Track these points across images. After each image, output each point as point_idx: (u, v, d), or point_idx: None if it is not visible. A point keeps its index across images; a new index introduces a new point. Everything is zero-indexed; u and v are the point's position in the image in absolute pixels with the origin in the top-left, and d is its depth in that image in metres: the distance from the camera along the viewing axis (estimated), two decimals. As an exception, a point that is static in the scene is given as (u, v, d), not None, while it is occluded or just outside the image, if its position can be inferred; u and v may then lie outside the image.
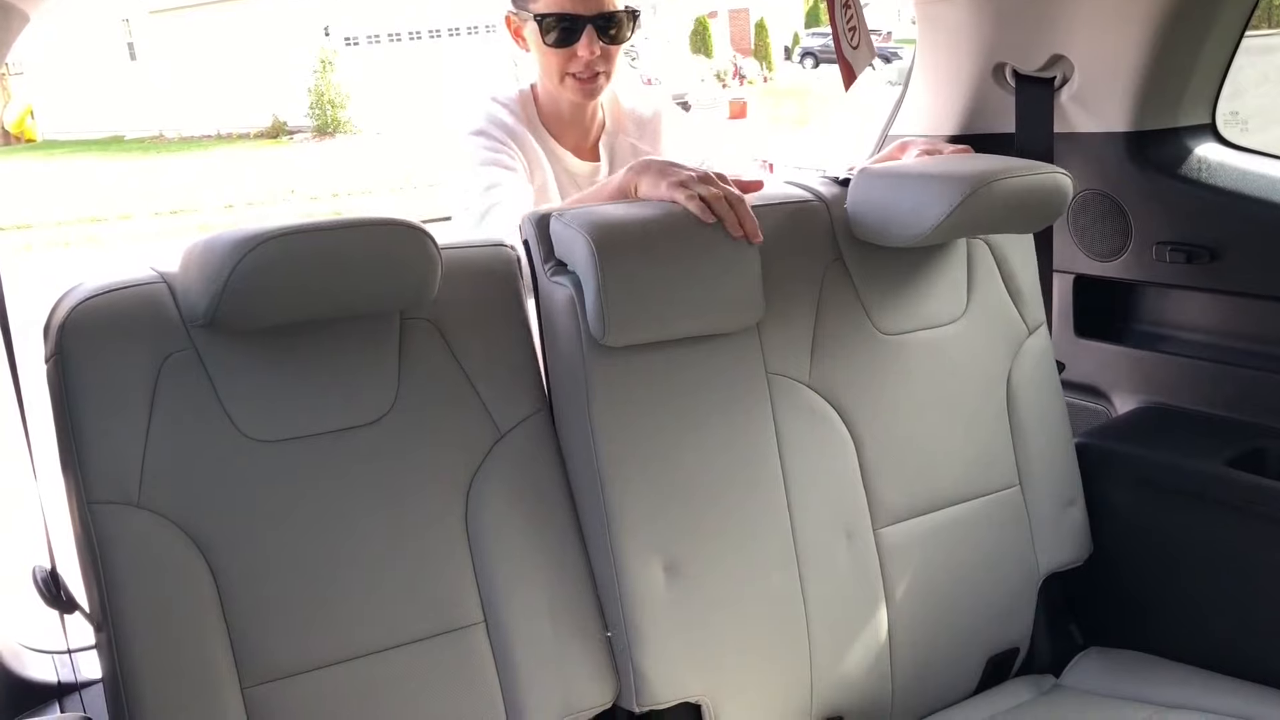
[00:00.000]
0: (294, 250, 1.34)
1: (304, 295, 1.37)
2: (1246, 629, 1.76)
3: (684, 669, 1.54)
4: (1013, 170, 1.64)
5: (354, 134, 21.49)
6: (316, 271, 1.36)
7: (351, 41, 23.77)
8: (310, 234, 1.36)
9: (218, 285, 1.32)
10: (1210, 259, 1.92)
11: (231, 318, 1.35)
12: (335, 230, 1.38)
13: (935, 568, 1.73)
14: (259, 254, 1.31)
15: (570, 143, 2.01)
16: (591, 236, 1.48)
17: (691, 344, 1.58)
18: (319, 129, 21.85)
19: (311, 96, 21.75)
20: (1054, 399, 1.87)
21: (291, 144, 21.34)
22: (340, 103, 21.80)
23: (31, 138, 22.79)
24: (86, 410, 1.34)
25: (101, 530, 1.33)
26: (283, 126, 22.32)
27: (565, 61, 1.89)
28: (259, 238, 1.32)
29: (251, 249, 1.31)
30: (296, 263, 1.34)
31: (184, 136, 22.77)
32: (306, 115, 21.93)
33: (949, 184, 1.61)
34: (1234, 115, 2.10)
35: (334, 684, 1.40)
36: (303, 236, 1.35)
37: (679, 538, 1.54)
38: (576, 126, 2.00)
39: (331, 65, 21.67)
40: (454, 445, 1.51)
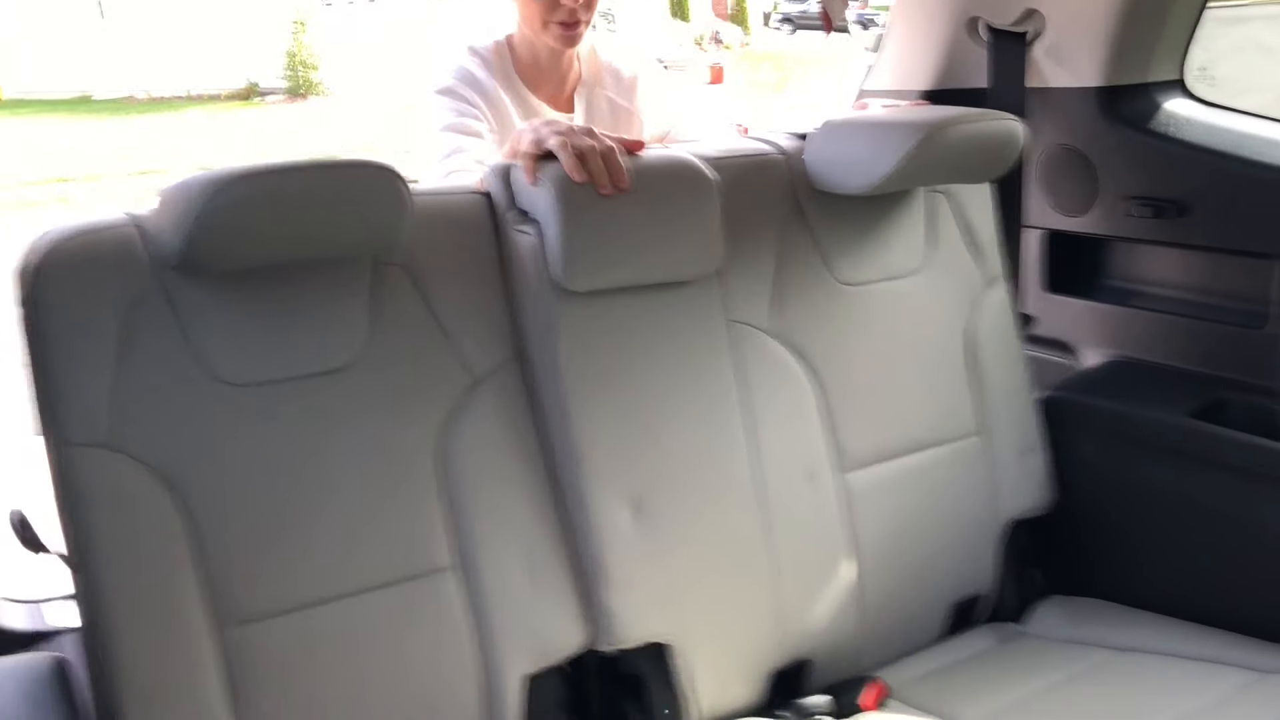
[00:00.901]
0: (265, 190, 1.34)
1: (275, 236, 1.37)
2: (1203, 576, 1.81)
3: (651, 609, 1.56)
4: (965, 118, 1.67)
5: (327, 96, 21.26)
6: (287, 211, 1.36)
7: (328, 1, 23.46)
8: (280, 175, 1.36)
9: (189, 224, 1.31)
10: (1178, 214, 1.95)
11: (203, 258, 1.35)
12: (306, 170, 1.38)
13: (898, 513, 1.77)
14: (228, 195, 1.31)
15: (546, 94, 2.01)
16: (554, 182, 1.50)
17: (654, 291, 1.60)
18: (291, 91, 21.58)
19: (285, 58, 21.48)
20: (1014, 350, 1.90)
21: (264, 106, 21.09)
22: (314, 64, 21.53)
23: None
24: (58, 352, 1.34)
25: (75, 472, 1.33)
26: (255, 88, 22.04)
27: (548, 9, 1.89)
28: (229, 178, 1.32)
29: (221, 189, 1.31)
30: (267, 202, 1.34)
31: (154, 97, 22.44)
32: (280, 77, 21.66)
33: (902, 131, 1.64)
34: (1203, 71, 2.12)
35: (307, 626, 1.41)
36: (272, 177, 1.35)
37: (645, 479, 1.57)
38: (553, 77, 2.00)
39: (305, 26, 21.38)
40: (427, 391, 1.52)
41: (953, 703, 1.64)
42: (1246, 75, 7.32)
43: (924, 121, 1.66)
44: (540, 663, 1.52)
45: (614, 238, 1.55)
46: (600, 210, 1.54)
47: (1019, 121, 1.73)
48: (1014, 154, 1.74)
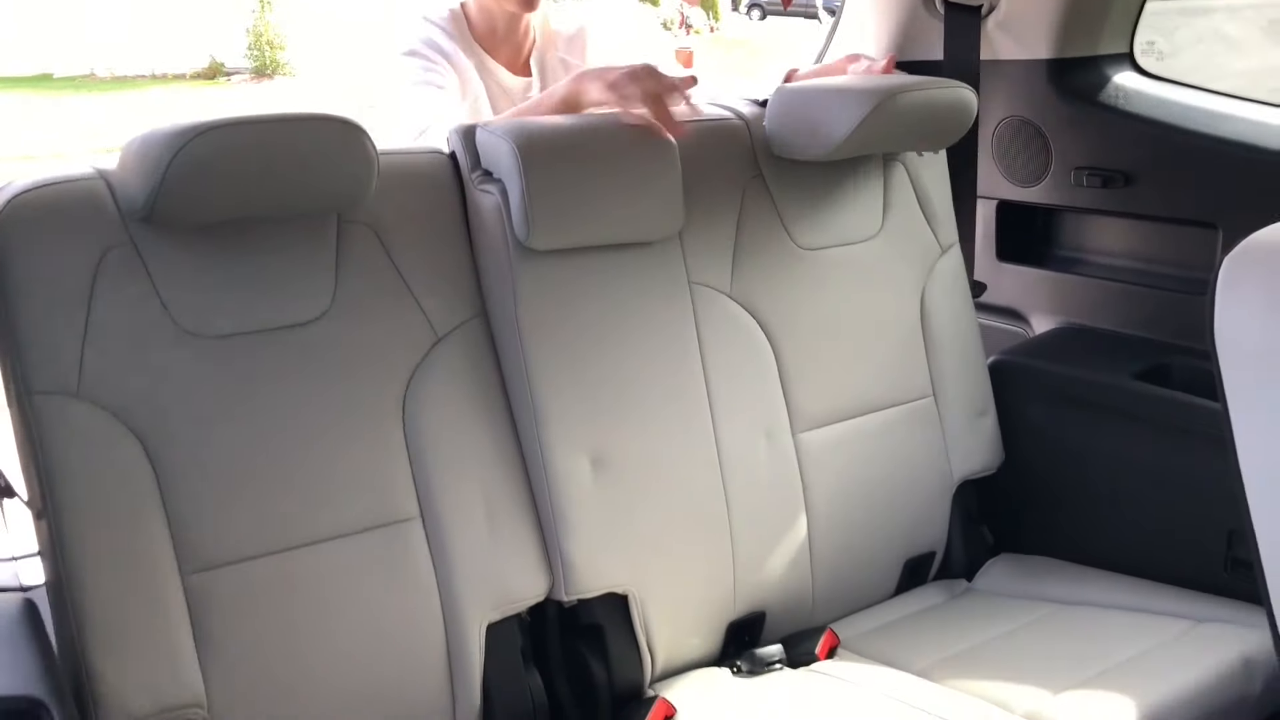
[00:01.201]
0: (231, 142, 1.36)
1: (241, 189, 1.39)
2: (1146, 532, 1.87)
3: (610, 559, 1.60)
4: (920, 85, 1.72)
5: (293, 76, 21.06)
6: (253, 164, 1.38)
7: (290, -23, 23.21)
8: (247, 126, 1.38)
9: (156, 178, 1.33)
10: (1125, 183, 2.00)
11: (170, 211, 1.37)
12: (273, 123, 1.40)
13: (853, 472, 1.82)
14: (196, 145, 1.33)
15: (503, 58, 2.04)
16: (516, 143, 1.54)
17: (616, 251, 1.63)
18: (257, 70, 21.37)
19: (250, 37, 21.26)
20: (966, 315, 1.96)
21: (230, 85, 20.87)
22: (279, 44, 21.33)
23: (-45, 74, 22.03)
24: (24, 303, 1.35)
25: (41, 420, 1.35)
26: (220, 68, 21.79)
27: None
28: (196, 129, 1.33)
29: (189, 140, 1.32)
30: (233, 155, 1.36)
31: (117, 76, 22.15)
32: (245, 56, 21.44)
33: (856, 98, 1.69)
34: (1150, 45, 2.17)
35: (272, 573, 1.44)
36: (240, 129, 1.37)
37: (605, 434, 1.60)
38: (509, 42, 2.03)
39: (270, 5, 21.17)
40: (391, 347, 1.54)
41: (902, 653, 1.70)
42: (1208, 65, 7.42)
43: (878, 88, 1.70)
44: (501, 611, 1.56)
45: (575, 198, 1.58)
46: (562, 171, 1.57)
47: (971, 90, 1.77)
48: (966, 122, 1.79)
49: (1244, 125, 1.91)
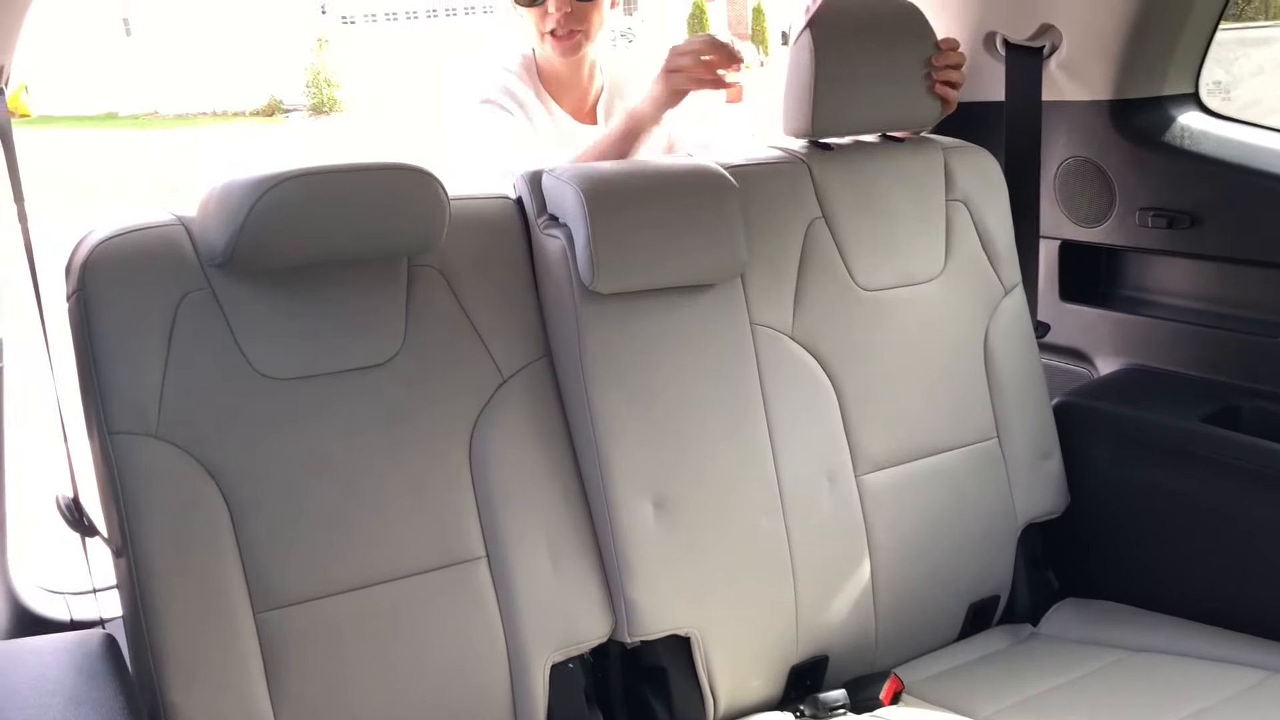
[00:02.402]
0: (309, 192, 1.40)
1: (318, 236, 1.43)
2: (1215, 578, 1.83)
3: (673, 601, 1.60)
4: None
5: (347, 112, 21.45)
6: (330, 213, 1.42)
7: (348, 20, 23.71)
8: (325, 176, 1.41)
9: (235, 225, 1.37)
10: (1191, 224, 1.98)
11: (248, 257, 1.41)
12: (349, 173, 1.44)
13: (916, 515, 1.80)
14: (275, 195, 1.36)
15: (569, 105, 2.07)
16: (581, 188, 1.57)
17: (678, 294, 1.65)
18: (315, 107, 21.80)
19: (308, 75, 21.71)
20: (1030, 356, 1.94)
21: (287, 122, 21.30)
22: (336, 82, 21.76)
23: (25, 113, 22.62)
24: (107, 345, 1.40)
25: (121, 459, 1.38)
26: (279, 105, 22.27)
27: (540, 20, 1.96)
28: (275, 179, 1.37)
29: (268, 190, 1.36)
30: (311, 204, 1.40)
31: (178, 113, 22.68)
32: (303, 93, 21.88)
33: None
34: (1217, 85, 2.16)
35: (341, 611, 1.46)
36: (318, 179, 1.40)
37: (667, 476, 1.61)
38: (574, 89, 2.06)
39: (327, 43, 21.62)
40: (459, 388, 1.57)
41: (967, 699, 1.68)
42: (1269, 96, 7.33)
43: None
44: (565, 652, 1.57)
45: (639, 241, 1.60)
46: (626, 215, 1.60)
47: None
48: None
49: (1312, 165, 1.89)
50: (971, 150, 1.95)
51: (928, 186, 1.89)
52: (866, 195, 1.84)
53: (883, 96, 1.84)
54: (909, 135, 1.95)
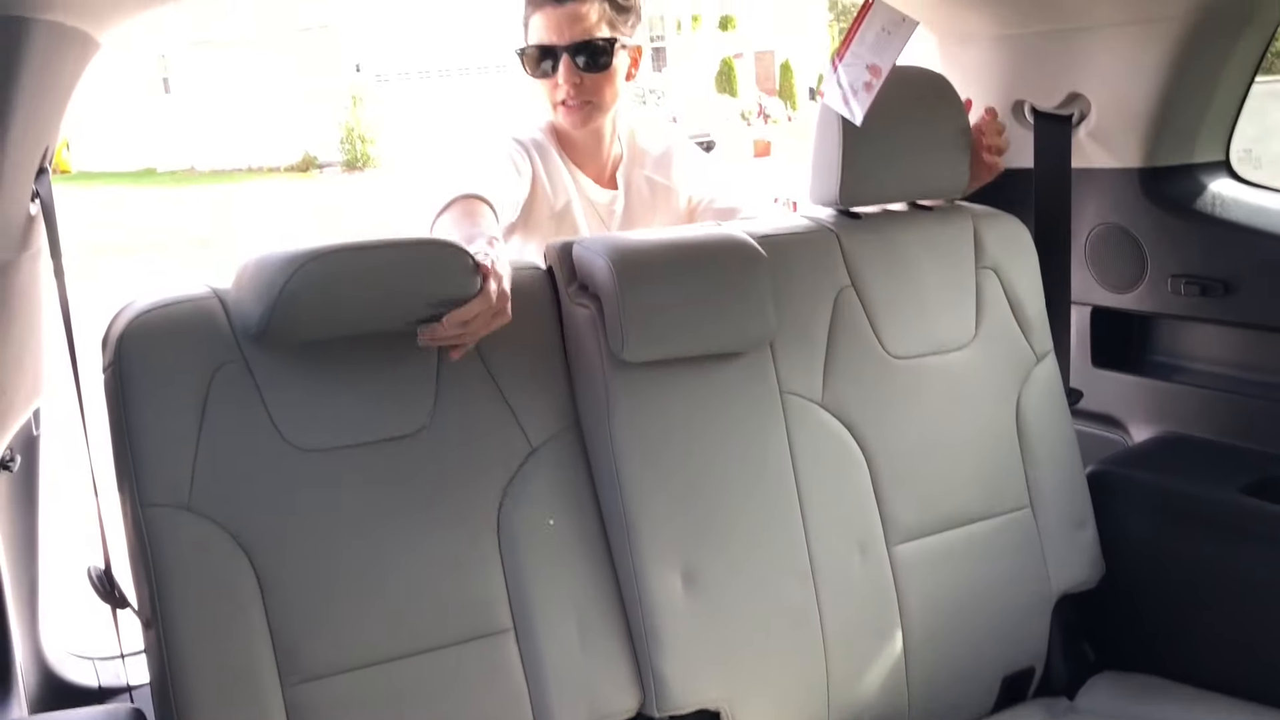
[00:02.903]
0: (342, 267, 1.41)
1: (351, 310, 1.44)
2: (1257, 653, 1.80)
3: (703, 675, 1.59)
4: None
5: (379, 168, 21.77)
6: (362, 288, 1.43)
7: (382, 79, 24.15)
8: (357, 252, 1.43)
9: (270, 299, 1.39)
10: (1224, 292, 1.97)
11: (282, 330, 1.42)
12: (381, 249, 1.45)
13: (949, 585, 1.78)
14: (309, 270, 1.38)
15: (591, 171, 2.09)
16: (611, 259, 1.58)
17: (708, 363, 1.65)
18: (348, 163, 22.16)
19: (342, 131, 22.09)
20: (1063, 424, 1.92)
21: (320, 177, 21.63)
22: (370, 138, 22.12)
23: (66, 169, 23.18)
24: (141, 418, 1.41)
25: (153, 532, 1.39)
26: (313, 160, 22.64)
27: (551, 91, 1.98)
28: (309, 256, 1.39)
29: (302, 265, 1.38)
30: (344, 279, 1.41)
31: (215, 169, 23.10)
32: (337, 149, 22.26)
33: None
34: (1247, 153, 2.15)
35: (369, 685, 1.46)
36: (350, 255, 1.42)
37: (696, 548, 1.60)
38: (595, 157, 2.08)
39: (361, 101, 22.01)
40: (488, 458, 1.57)
41: (1003, 777, 1.64)
42: (1304, 152, 7.28)
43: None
44: None
45: (669, 311, 1.61)
46: (656, 284, 1.60)
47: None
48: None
49: (1347, 232, 1.88)
50: (1001, 217, 1.95)
51: (957, 254, 1.89)
52: (896, 263, 1.84)
53: (911, 166, 1.85)
54: (938, 204, 1.95)
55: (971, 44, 2.18)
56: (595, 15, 1.93)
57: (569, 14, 1.92)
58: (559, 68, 1.94)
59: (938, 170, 1.87)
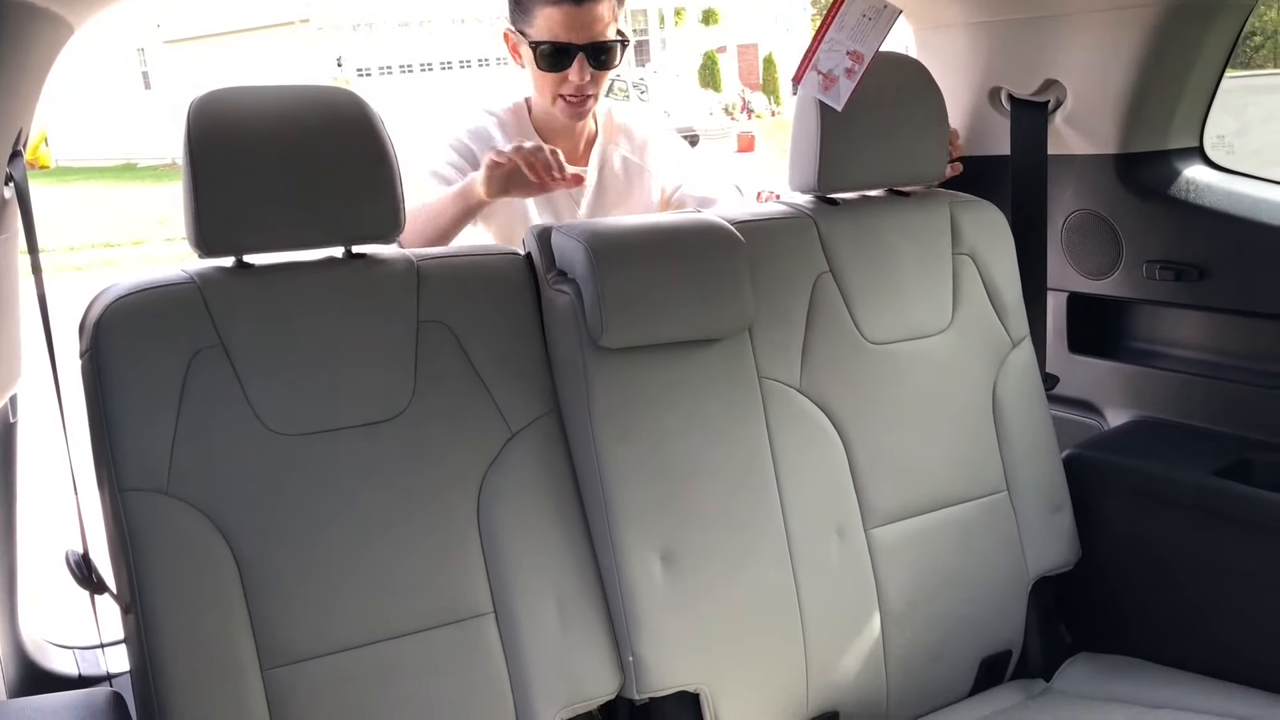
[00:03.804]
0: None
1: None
2: (1230, 632, 1.82)
3: (682, 658, 1.59)
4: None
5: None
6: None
7: (364, 73, 24.05)
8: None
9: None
10: (1199, 277, 1.99)
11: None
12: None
13: (926, 569, 1.80)
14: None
15: (564, 148, 2.10)
16: (590, 244, 1.59)
17: (686, 348, 1.65)
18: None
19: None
20: (1039, 409, 1.94)
21: (302, 173, 21.52)
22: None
23: (45, 164, 23.00)
24: (119, 402, 1.41)
25: (132, 517, 1.39)
26: (294, 156, 22.52)
27: (558, 84, 1.99)
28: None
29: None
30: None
31: (196, 164, 22.92)
32: (318, 144, 22.15)
33: None
34: (1221, 139, 2.17)
35: (348, 668, 1.46)
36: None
37: (675, 531, 1.61)
38: (567, 137, 2.10)
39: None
40: (467, 443, 1.57)
41: (980, 757, 1.66)
42: (1277, 144, 7.35)
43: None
44: (573, 708, 1.56)
45: (648, 297, 1.61)
46: (635, 271, 1.61)
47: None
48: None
49: (1319, 217, 1.90)
50: (978, 204, 1.97)
51: (934, 240, 1.90)
52: (873, 249, 1.85)
53: (889, 152, 1.86)
54: (916, 190, 1.96)
55: (948, 31, 2.19)
56: (608, 14, 1.97)
57: (589, 14, 1.94)
58: (573, 65, 1.95)
59: (915, 156, 1.88)
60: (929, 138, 1.88)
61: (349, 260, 1.57)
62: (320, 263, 1.57)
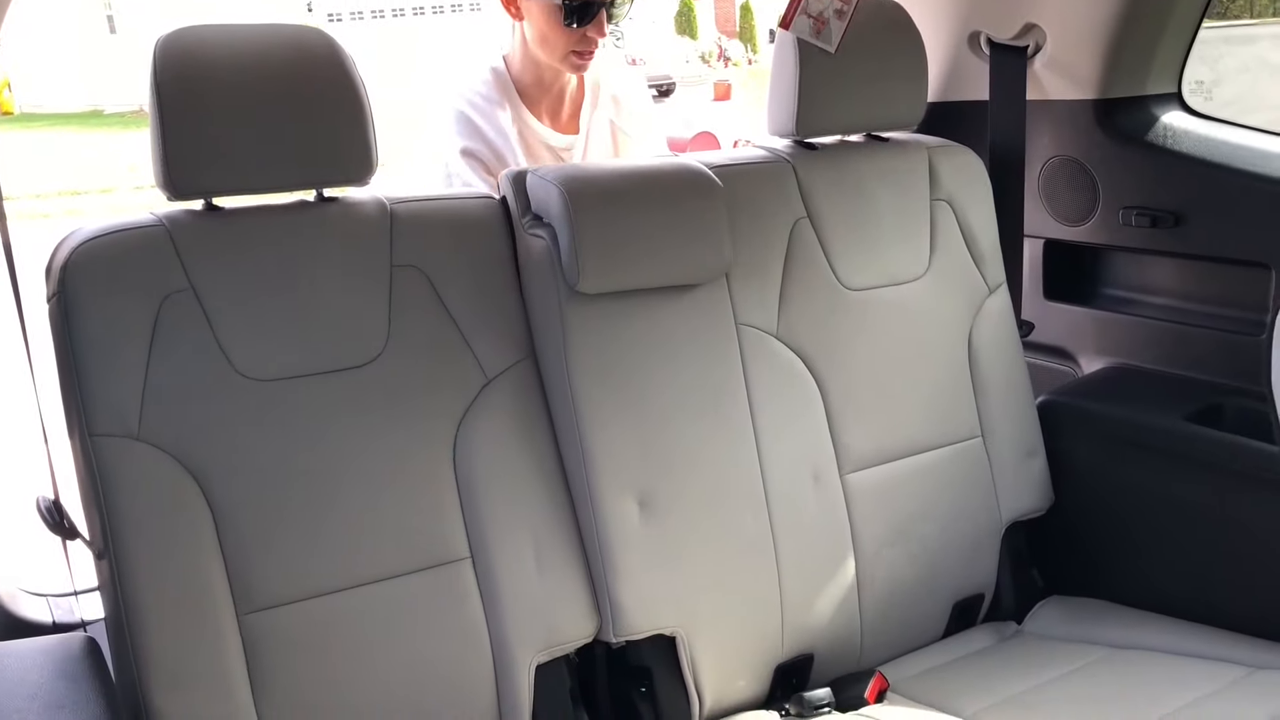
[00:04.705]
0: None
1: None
2: (1198, 575, 1.84)
3: (658, 601, 1.60)
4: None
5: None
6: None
7: (335, 18, 23.67)
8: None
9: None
10: (1174, 223, 1.99)
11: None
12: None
13: (901, 513, 1.81)
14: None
15: (546, 113, 2.07)
16: (565, 188, 1.57)
17: (663, 294, 1.65)
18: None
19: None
20: (1014, 355, 1.95)
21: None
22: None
23: (8, 110, 22.57)
24: (88, 347, 1.39)
25: (103, 462, 1.38)
26: (264, 102, 22.20)
27: (571, 40, 1.96)
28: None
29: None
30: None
31: (164, 111, 22.56)
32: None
33: None
34: (1199, 84, 2.16)
35: (326, 613, 1.46)
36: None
37: (652, 476, 1.61)
38: (552, 95, 2.07)
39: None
40: (443, 389, 1.56)
41: (951, 697, 1.68)
42: (1252, 94, 7.37)
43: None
44: (550, 652, 1.57)
45: (624, 242, 1.60)
46: (610, 215, 1.59)
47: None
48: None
49: (1294, 164, 1.90)
50: (956, 149, 1.96)
51: (912, 186, 1.89)
52: (851, 195, 1.84)
53: (868, 96, 1.84)
54: (895, 136, 1.95)
55: (928, -26, 2.17)
56: None
57: None
58: (592, 21, 1.93)
59: (894, 100, 1.87)
60: (908, 81, 1.87)
61: (321, 204, 1.55)
62: (291, 206, 1.55)
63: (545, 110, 2.08)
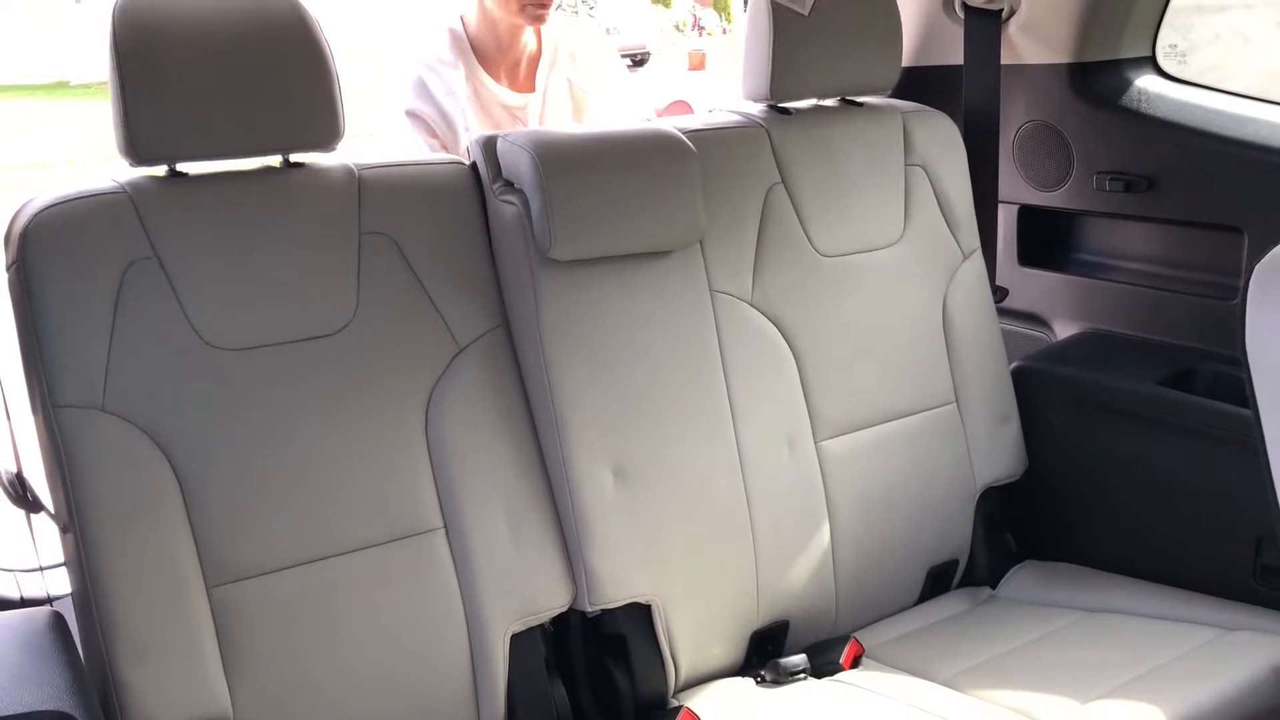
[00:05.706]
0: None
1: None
2: (1173, 539, 1.85)
3: (633, 569, 1.60)
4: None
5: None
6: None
7: (304, -14, 23.40)
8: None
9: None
10: (1148, 188, 1.99)
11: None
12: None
13: (875, 479, 1.81)
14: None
15: (503, 72, 2.05)
16: (536, 153, 1.54)
17: (637, 260, 1.63)
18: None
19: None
20: (989, 321, 1.95)
21: (243, 91, 20.99)
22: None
23: (-27, 82, 22.19)
24: (49, 316, 1.36)
25: (67, 433, 1.35)
26: (234, 73, 21.93)
27: None
28: None
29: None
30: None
31: (132, 82, 22.27)
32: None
33: None
34: (1173, 48, 2.16)
35: (297, 585, 1.44)
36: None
37: (626, 444, 1.60)
38: (510, 54, 2.04)
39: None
40: (414, 358, 1.54)
41: (926, 662, 1.69)
42: (1224, 64, 7.38)
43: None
44: (525, 622, 1.56)
45: (596, 208, 1.58)
46: (583, 181, 1.57)
47: None
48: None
49: (1267, 128, 1.90)
50: (930, 114, 1.94)
51: (887, 151, 1.88)
52: (825, 160, 1.83)
53: (842, 59, 1.82)
54: (869, 101, 1.93)
55: (903, -63, 2.14)
56: None
57: None
58: None
59: (869, 64, 1.85)
60: (883, 44, 1.85)
61: (287, 169, 1.52)
62: (257, 172, 1.52)
63: (504, 70, 2.06)
